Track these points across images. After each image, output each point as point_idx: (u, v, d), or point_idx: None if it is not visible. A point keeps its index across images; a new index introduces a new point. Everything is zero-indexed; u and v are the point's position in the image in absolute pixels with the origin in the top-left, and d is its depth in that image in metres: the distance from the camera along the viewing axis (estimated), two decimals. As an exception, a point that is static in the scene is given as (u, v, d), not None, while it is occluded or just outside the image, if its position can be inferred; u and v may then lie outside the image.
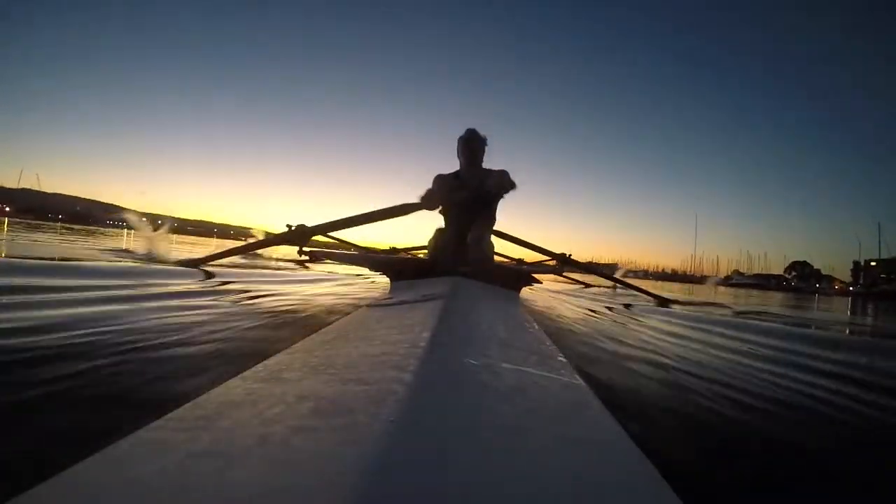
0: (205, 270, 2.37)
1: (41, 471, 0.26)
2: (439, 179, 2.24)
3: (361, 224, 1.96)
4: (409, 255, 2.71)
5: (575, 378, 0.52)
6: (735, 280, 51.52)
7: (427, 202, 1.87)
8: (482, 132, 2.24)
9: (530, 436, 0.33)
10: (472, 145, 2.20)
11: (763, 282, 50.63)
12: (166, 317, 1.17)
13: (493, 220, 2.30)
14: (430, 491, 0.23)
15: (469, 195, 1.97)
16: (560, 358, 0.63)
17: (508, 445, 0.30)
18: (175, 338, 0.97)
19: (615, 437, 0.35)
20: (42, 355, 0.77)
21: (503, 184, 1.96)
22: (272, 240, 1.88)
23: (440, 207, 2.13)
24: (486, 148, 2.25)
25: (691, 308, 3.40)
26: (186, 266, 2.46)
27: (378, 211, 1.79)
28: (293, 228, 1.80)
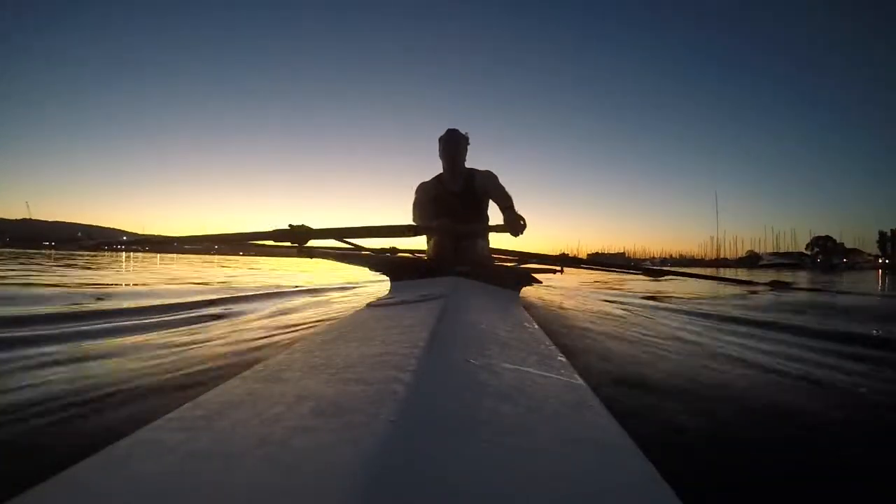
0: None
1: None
2: (421, 190, 2.24)
3: (358, 237, 2.00)
4: (409, 256, 2.70)
5: (575, 378, 0.52)
6: (766, 261, 48.19)
7: (414, 232, 1.90)
8: (463, 130, 2.23)
9: (530, 435, 0.33)
10: (452, 146, 2.19)
11: (797, 261, 46.73)
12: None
13: (485, 221, 2.32)
14: (431, 491, 0.23)
15: (450, 234, 1.95)
16: (560, 358, 0.63)
17: (508, 445, 0.30)
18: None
19: (615, 437, 0.35)
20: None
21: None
22: (272, 234, 1.89)
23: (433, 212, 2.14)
24: (469, 146, 2.24)
25: (685, 289, 3.54)
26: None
27: (373, 228, 1.86)
28: (295, 227, 1.81)
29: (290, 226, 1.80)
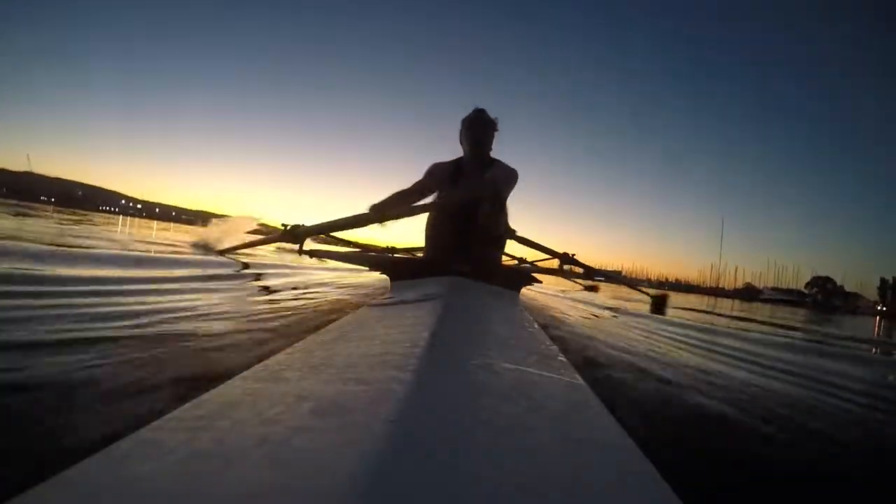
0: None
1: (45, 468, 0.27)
2: (434, 171, 1.90)
3: (354, 227, 1.80)
4: (409, 255, 2.70)
5: (575, 378, 0.52)
6: (766, 295, 48.10)
7: (382, 216, 1.59)
8: (492, 114, 1.85)
9: (530, 435, 0.33)
10: (478, 130, 1.82)
11: (797, 298, 46.57)
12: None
13: (504, 223, 1.98)
14: (430, 491, 0.23)
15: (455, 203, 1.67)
16: (560, 358, 0.63)
17: (508, 445, 0.30)
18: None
19: (615, 437, 0.35)
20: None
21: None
22: (268, 238, 1.87)
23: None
24: (497, 133, 1.88)
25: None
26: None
27: (362, 216, 1.65)
28: (288, 228, 1.78)
29: (283, 225, 1.78)
